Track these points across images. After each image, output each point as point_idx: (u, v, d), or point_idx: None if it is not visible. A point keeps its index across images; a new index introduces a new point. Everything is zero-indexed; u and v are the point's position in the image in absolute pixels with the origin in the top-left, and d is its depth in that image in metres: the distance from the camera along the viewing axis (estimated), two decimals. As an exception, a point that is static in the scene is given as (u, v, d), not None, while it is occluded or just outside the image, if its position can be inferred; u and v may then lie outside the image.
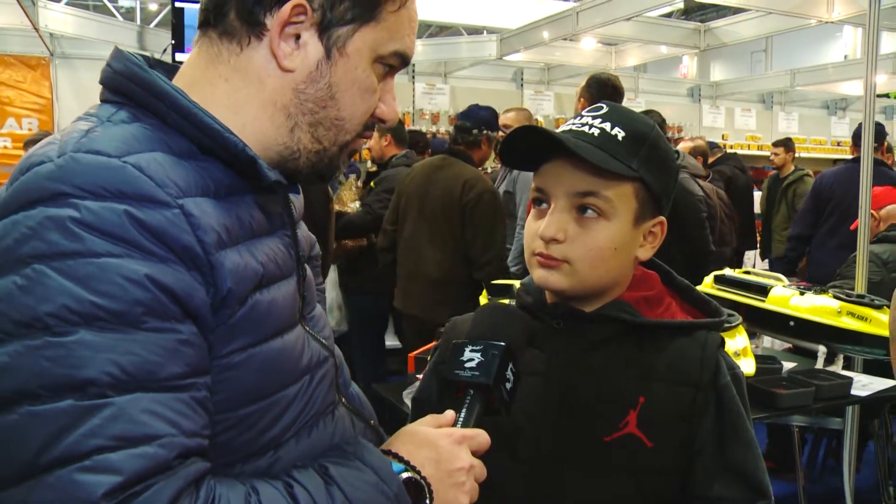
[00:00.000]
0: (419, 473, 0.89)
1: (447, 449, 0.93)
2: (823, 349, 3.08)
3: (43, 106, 6.95)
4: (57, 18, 6.54)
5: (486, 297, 3.16)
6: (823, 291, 3.11)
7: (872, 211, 3.68)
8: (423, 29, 13.08)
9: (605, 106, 1.15)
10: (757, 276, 3.41)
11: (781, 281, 3.27)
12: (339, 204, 4.28)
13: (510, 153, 1.16)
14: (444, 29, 12.76)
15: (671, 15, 11.93)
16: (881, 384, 2.95)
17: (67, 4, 7.82)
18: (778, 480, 4.05)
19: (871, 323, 2.87)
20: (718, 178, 6.71)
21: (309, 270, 1.07)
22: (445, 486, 0.91)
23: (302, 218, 1.09)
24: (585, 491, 1.11)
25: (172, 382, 0.74)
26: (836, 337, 2.99)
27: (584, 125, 1.12)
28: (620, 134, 1.10)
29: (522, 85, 9.05)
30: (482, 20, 8.02)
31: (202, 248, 0.79)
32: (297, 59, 0.90)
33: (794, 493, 3.65)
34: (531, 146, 1.12)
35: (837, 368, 3.10)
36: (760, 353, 3.33)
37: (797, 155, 9.88)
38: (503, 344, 1.03)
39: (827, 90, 10.44)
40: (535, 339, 1.18)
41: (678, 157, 4.24)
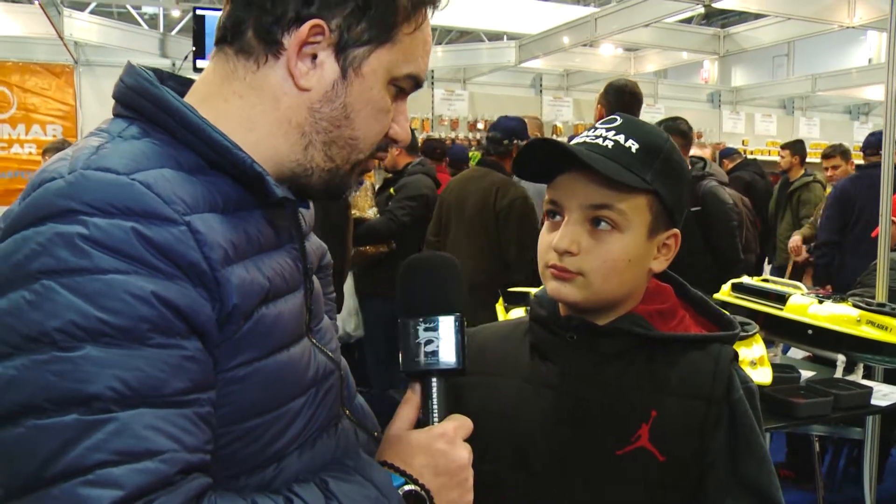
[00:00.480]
0: (418, 484, 0.90)
1: (443, 451, 0.93)
2: (842, 358, 3.04)
3: (67, 113, 7.07)
4: (81, 27, 6.64)
5: (501, 304, 3.17)
6: (843, 300, 3.08)
7: (893, 218, 3.63)
8: (443, 35, 13.12)
9: (619, 118, 1.15)
10: (775, 283, 3.38)
11: (800, 289, 3.24)
12: (356, 210, 4.31)
13: (524, 165, 1.16)
14: (464, 34, 12.78)
15: (692, 20, 11.88)
16: (902, 394, 2.91)
17: (91, 13, 7.94)
18: (797, 490, 4.02)
19: (891, 332, 2.83)
20: (738, 183, 6.69)
21: (317, 283, 1.08)
22: (449, 488, 0.91)
23: (320, 225, 1.10)
24: (595, 503, 1.11)
25: (176, 398, 0.75)
26: (855, 346, 2.96)
27: (598, 137, 1.12)
28: (634, 146, 1.10)
29: (541, 91, 9.05)
30: (502, 26, 8.03)
31: (208, 264, 0.80)
32: (313, 78, 0.91)
33: (813, 502, 3.61)
34: (545, 158, 1.13)
35: (857, 378, 3.06)
36: (779, 361, 3.30)
37: (817, 161, 9.82)
38: (457, 314, 0.98)
39: (849, 95, 10.34)
40: (548, 351, 1.18)
41: (704, 165, 4.22)
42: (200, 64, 6.19)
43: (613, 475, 1.10)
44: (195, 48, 6.33)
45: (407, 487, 0.89)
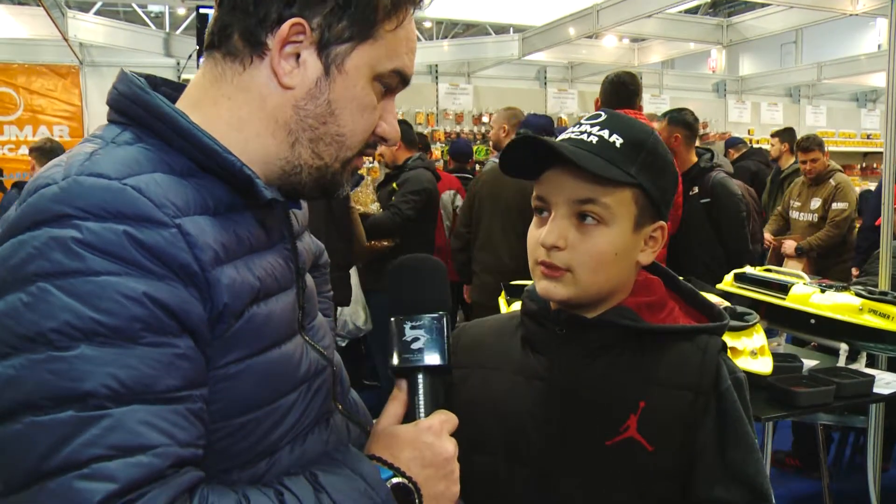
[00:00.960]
0: (406, 476, 0.92)
1: (430, 443, 0.95)
2: (845, 347, 3.05)
3: (73, 113, 7.13)
4: (85, 28, 6.69)
5: (504, 297, 3.19)
6: (845, 289, 3.09)
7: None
8: (448, 28, 13.11)
9: (603, 113, 1.17)
10: (778, 273, 3.38)
11: (802, 279, 3.24)
12: (359, 205, 4.34)
13: (511, 163, 1.18)
14: (470, 27, 12.78)
15: (698, 9, 11.82)
16: (905, 382, 2.92)
17: (97, 13, 7.97)
18: (803, 479, 4.03)
19: (893, 320, 2.83)
20: (744, 173, 6.67)
21: (311, 282, 1.10)
22: (435, 480, 0.94)
23: (324, 222, 1.12)
24: (587, 494, 1.13)
25: (168, 395, 0.78)
26: (857, 334, 2.96)
27: (582, 133, 1.14)
28: (619, 141, 1.12)
29: (546, 84, 9.04)
30: (507, 18, 8.03)
31: (199, 265, 0.82)
32: (296, 76, 0.93)
33: (819, 491, 3.62)
34: (531, 155, 1.14)
35: (860, 366, 3.07)
36: (782, 351, 3.30)
37: (827, 149, 9.76)
38: (442, 313, 1.02)
39: (856, 82, 10.29)
40: (538, 344, 1.20)
41: (712, 156, 4.22)
42: (205, 62, 6.21)
43: (603, 465, 1.12)
44: (199, 47, 6.35)
45: (395, 480, 0.91)
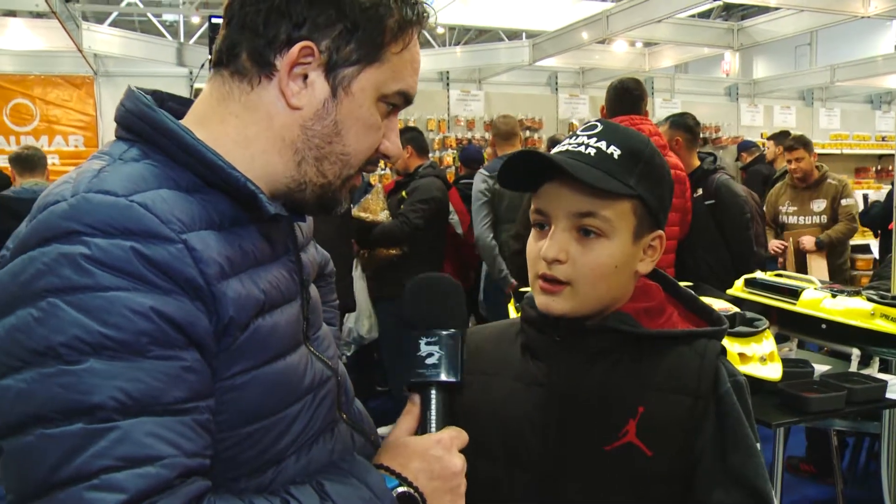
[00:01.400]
0: (413, 486, 0.94)
1: (438, 456, 0.97)
2: (857, 352, 3.04)
3: (87, 123, 7.20)
4: (100, 39, 6.77)
5: (513, 304, 3.20)
6: (856, 293, 3.08)
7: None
8: (461, 34, 13.15)
9: (599, 124, 1.18)
10: (788, 278, 3.38)
11: (813, 284, 3.24)
12: (369, 213, 4.36)
13: (508, 176, 1.18)
14: (482, 33, 12.82)
15: (710, 13, 11.78)
16: (919, 387, 2.90)
17: (113, 22, 8.06)
18: (817, 485, 4.01)
19: (904, 325, 2.83)
20: (756, 177, 6.64)
21: (315, 292, 1.12)
22: (441, 493, 0.95)
23: (336, 232, 1.14)
24: (586, 499, 1.14)
25: (175, 406, 0.80)
26: (868, 339, 2.96)
27: (580, 145, 1.14)
28: (616, 152, 1.13)
29: (557, 89, 9.04)
30: (518, 24, 8.04)
31: (204, 279, 0.84)
32: (304, 97, 0.95)
33: (833, 497, 3.60)
34: (529, 168, 1.15)
35: (873, 371, 3.06)
36: (794, 356, 3.30)
37: (841, 152, 9.71)
38: (455, 330, 1.05)
39: (870, 84, 10.22)
40: (538, 351, 1.21)
41: (715, 159, 4.22)
42: (217, 71, 6.27)
43: (602, 470, 1.13)
44: (211, 56, 6.41)
45: (400, 489, 0.93)
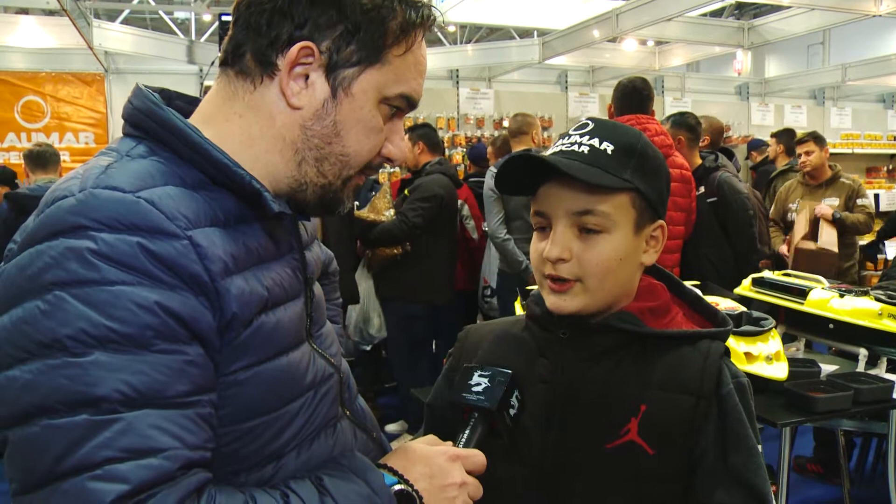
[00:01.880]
0: (411, 486, 0.95)
1: (440, 465, 0.98)
2: (864, 352, 3.03)
3: (98, 120, 7.25)
4: (110, 37, 6.81)
5: (520, 302, 3.20)
6: (864, 293, 3.07)
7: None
8: (471, 32, 13.15)
9: (591, 123, 1.19)
10: (796, 278, 3.37)
11: (821, 283, 3.23)
12: (374, 212, 4.36)
13: (506, 181, 1.19)
14: (493, 31, 12.81)
15: (722, 11, 11.72)
16: (926, 388, 2.89)
17: (125, 20, 8.09)
18: (825, 485, 3.99)
19: (912, 325, 2.82)
20: (766, 176, 6.61)
21: (318, 290, 1.13)
22: (437, 499, 0.96)
23: (348, 233, 1.15)
24: (588, 496, 1.15)
25: (178, 400, 0.81)
26: (876, 339, 2.95)
27: (573, 144, 1.15)
28: (609, 148, 1.14)
29: (567, 88, 9.03)
30: (528, 22, 8.03)
31: (209, 275, 0.85)
32: (304, 97, 0.96)
33: (840, 497, 3.59)
34: (525, 171, 1.16)
35: (881, 372, 3.05)
36: (802, 356, 3.29)
37: (852, 151, 9.66)
38: (510, 372, 1.10)
39: (882, 83, 10.16)
40: (542, 348, 1.22)
41: (716, 158, 4.21)
42: (227, 69, 6.29)
43: (603, 468, 1.13)
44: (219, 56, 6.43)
45: (398, 487, 0.94)
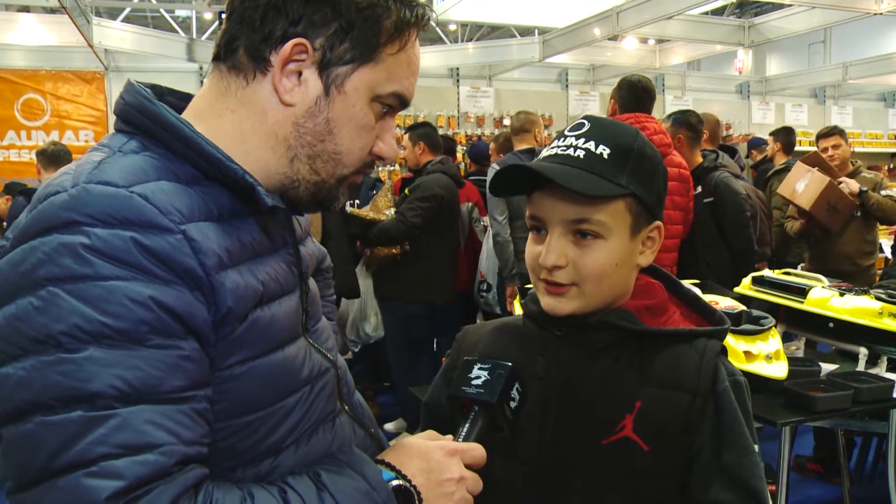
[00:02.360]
0: (409, 481, 0.94)
1: (438, 460, 0.98)
2: (865, 351, 3.02)
3: (98, 118, 7.24)
4: (110, 35, 6.82)
5: (519, 301, 3.20)
6: (864, 292, 3.07)
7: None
8: (472, 30, 13.14)
9: (587, 122, 1.17)
10: (796, 276, 3.36)
11: (821, 282, 3.22)
12: (374, 211, 4.35)
13: (500, 187, 1.19)
14: (493, 29, 12.81)
15: (723, 9, 11.71)
16: (926, 387, 2.88)
17: (125, 18, 8.09)
18: (824, 484, 3.99)
19: (913, 324, 2.81)
20: (766, 175, 6.59)
21: (313, 285, 1.12)
22: (435, 494, 0.96)
23: (341, 225, 1.15)
24: (583, 493, 1.14)
25: (174, 395, 0.81)
26: (876, 338, 2.95)
27: (569, 147, 1.14)
28: (606, 152, 1.12)
29: (567, 86, 9.02)
30: (529, 20, 8.04)
31: (203, 270, 0.85)
32: (297, 94, 0.95)
33: (840, 497, 3.59)
34: (519, 178, 1.15)
35: (881, 371, 3.04)
36: (801, 355, 3.28)
37: (853, 150, 9.64)
38: (509, 364, 1.09)
39: (883, 82, 10.16)
40: (538, 345, 1.21)
41: (717, 157, 4.20)
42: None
43: (599, 465, 1.13)
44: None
45: (395, 482, 0.94)
